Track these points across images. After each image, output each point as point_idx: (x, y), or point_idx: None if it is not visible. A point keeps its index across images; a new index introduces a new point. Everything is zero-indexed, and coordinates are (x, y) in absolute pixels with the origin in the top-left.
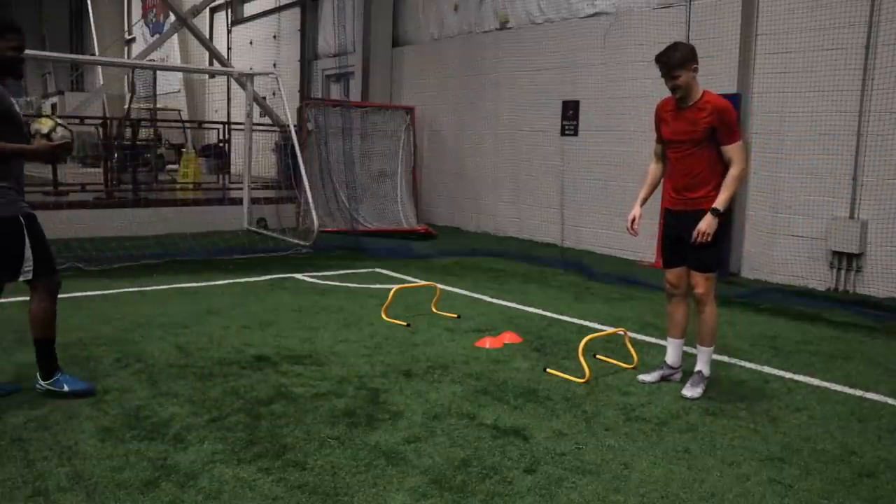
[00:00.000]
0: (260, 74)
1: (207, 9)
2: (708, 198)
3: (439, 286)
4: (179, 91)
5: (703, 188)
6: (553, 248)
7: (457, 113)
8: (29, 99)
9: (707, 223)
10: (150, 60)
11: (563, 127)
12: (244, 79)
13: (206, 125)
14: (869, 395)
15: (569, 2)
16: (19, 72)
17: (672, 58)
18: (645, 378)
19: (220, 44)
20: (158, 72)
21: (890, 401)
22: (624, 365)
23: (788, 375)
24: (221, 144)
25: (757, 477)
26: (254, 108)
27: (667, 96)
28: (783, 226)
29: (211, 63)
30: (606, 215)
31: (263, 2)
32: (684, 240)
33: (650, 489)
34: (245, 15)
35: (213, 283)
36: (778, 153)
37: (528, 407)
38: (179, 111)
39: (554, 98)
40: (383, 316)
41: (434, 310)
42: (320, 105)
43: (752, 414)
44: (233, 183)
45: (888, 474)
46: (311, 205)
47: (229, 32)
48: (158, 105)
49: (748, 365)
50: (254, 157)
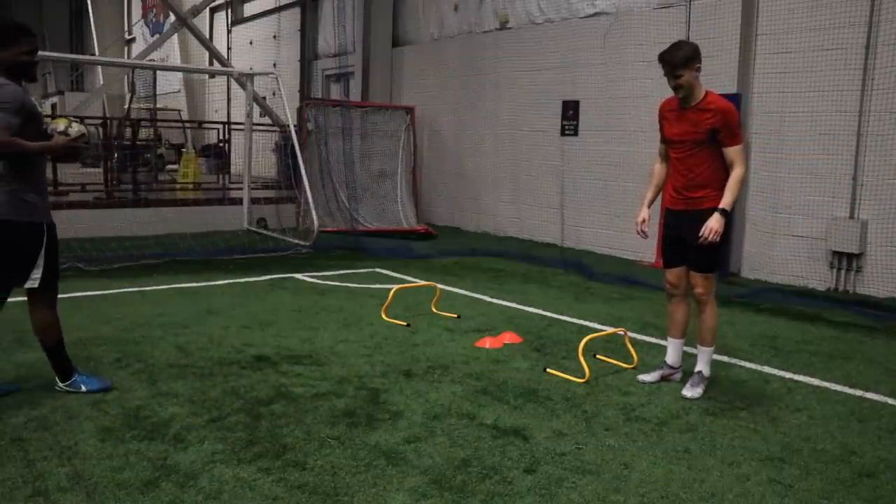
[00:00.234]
0: (260, 74)
1: (207, 9)
2: (709, 198)
3: (439, 286)
4: (179, 91)
5: (705, 188)
6: (553, 248)
7: (457, 113)
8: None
9: (717, 221)
10: (150, 60)
11: (563, 127)
12: (244, 79)
13: (206, 125)
14: (869, 395)
15: (569, 2)
16: (33, 74)
17: (675, 56)
18: (645, 378)
19: (220, 44)
20: (158, 72)
21: (890, 401)
22: (624, 365)
23: (788, 375)
24: (221, 144)
25: (757, 477)
26: (254, 108)
27: (670, 96)
28: (783, 226)
29: (211, 63)
30: (606, 215)
31: (263, 2)
32: (685, 240)
33: (650, 489)
34: (245, 15)
35: (213, 283)
36: (778, 153)
37: (528, 407)
38: (179, 111)
39: (554, 98)
40: (383, 316)
41: (434, 310)
42: (320, 105)
43: (752, 414)
44: (233, 183)
45: (888, 474)
46: (311, 205)
47: (229, 32)
48: (158, 105)
49: (748, 365)
50: (254, 157)
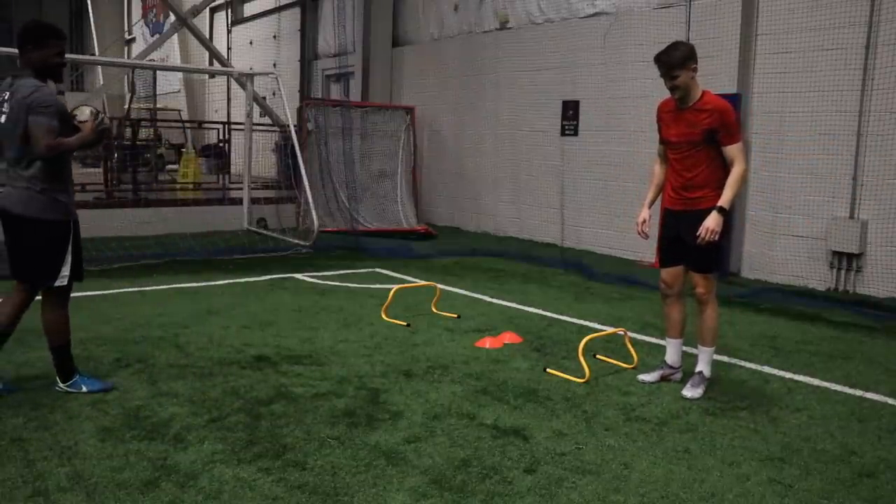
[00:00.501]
0: (260, 74)
1: (207, 9)
2: (707, 198)
3: (439, 286)
4: (179, 91)
5: (703, 188)
6: (553, 248)
7: (457, 113)
8: None
9: (714, 220)
10: (150, 60)
11: (563, 127)
12: (244, 79)
13: (206, 125)
14: (869, 395)
15: (569, 2)
16: (60, 76)
17: (671, 57)
18: (645, 378)
19: (220, 44)
20: (158, 72)
21: (890, 401)
22: (624, 365)
23: (788, 375)
24: (221, 144)
25: (757, 477)
26: (254, 108)
27: (667, 97)
28: (783, 226)
29: (211, 63)
30: (606, 215)
31: (263, 2)
32: (683, 240)
33: (650, 489)
34: (245, 15)
35: (213, 283)
36: (778, 153)
37: (528, 407)
38: (179, 111)
39: (554, 98)
40: (383, 316)
41: (434, 310)
42: (320, 105)
43: (752, 414)
44: (233, 183)
45: (888, 474)
46: (311, 205)
47: (229, 32)
48: (158, 105)
49: (748, 365)
50: (254, 157)
